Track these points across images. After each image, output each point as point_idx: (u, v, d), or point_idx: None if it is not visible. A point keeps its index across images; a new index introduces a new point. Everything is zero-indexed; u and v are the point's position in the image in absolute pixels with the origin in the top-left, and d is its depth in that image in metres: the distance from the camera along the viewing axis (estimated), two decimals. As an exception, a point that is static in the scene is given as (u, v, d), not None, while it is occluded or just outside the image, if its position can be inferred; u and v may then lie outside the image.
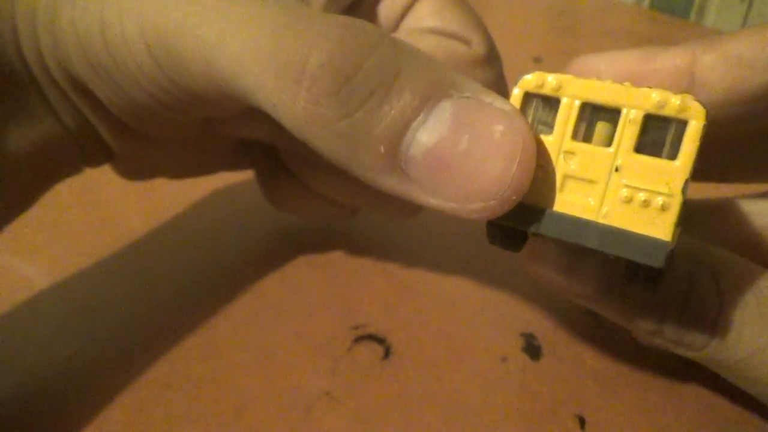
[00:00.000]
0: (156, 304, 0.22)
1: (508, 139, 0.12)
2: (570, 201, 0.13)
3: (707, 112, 0.12)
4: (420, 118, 0.12)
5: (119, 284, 0.23)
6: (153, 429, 0.17)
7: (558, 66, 0.16)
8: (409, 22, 0.19)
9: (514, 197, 0.12)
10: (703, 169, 0.17)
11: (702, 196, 0.19)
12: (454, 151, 0.12)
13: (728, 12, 0.44)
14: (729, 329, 0.15)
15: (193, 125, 0.19)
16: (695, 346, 0.15)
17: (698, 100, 0.12)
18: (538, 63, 0.40)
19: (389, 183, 0.13)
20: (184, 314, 0.21)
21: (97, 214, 0.27)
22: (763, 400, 0.16)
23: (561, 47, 0.43)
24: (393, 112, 0.12)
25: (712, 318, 0.15)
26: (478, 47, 0.18)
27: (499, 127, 0.12)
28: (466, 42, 0.19)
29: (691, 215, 0.18)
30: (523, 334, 0.20)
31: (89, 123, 0.18)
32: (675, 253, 0.13)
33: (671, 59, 0.15)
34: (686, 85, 0.15)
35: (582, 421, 0.17)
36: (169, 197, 0.28)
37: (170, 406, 0.18)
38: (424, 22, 0.19)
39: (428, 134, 0.12)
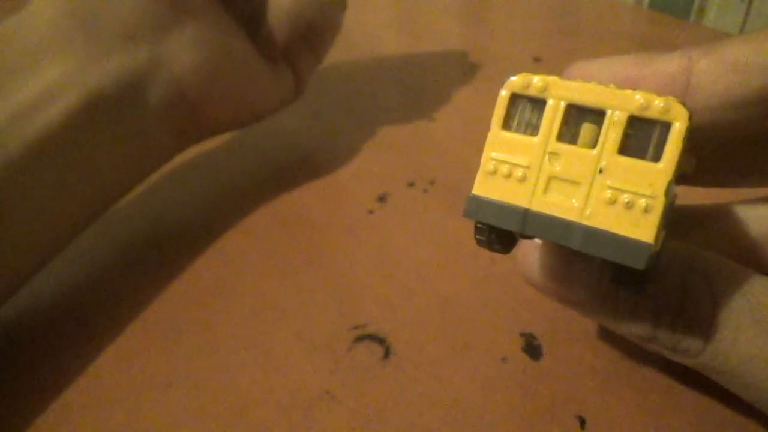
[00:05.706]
0: (156, 303, 0.22)
1: None
2: (554, 202, 0.13)
3: (691, 114, 0.12)
4: None
5: (119, 284, 0.23)
6: (153, 429, 0.17)
7: (558, 66, 0.16)
8: None
9: None
10: (699, 175, 0.17)
11: (698, 201, 0.19)
12: None
13: (728, 12, 0.44)
14: (724, 335, 0.14)
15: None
16: (690, 352, 0.15)
17: (682, 102, 0.12)
18: (538, 63, 0.40)
19: None
20: (184, 314, 0.21)
21: (97, 214, 0.27)
22: (760, 406, 0.16)
23: (561, 47, 0.43)
24: None
25: (707, 324, 0.14)
26: None
27: None
28: None
29: (687, 221, 0.18)
30: (523, 334, 0.20)
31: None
32: (661, 256, 0.13)
33: (667, 64, 0.15)
34: (682, 89, 0.15)
35: (582, 421, 0.17)
36: (170, 194, 0.28)
37: (170, 406, 0.18)
38: None
39: None
